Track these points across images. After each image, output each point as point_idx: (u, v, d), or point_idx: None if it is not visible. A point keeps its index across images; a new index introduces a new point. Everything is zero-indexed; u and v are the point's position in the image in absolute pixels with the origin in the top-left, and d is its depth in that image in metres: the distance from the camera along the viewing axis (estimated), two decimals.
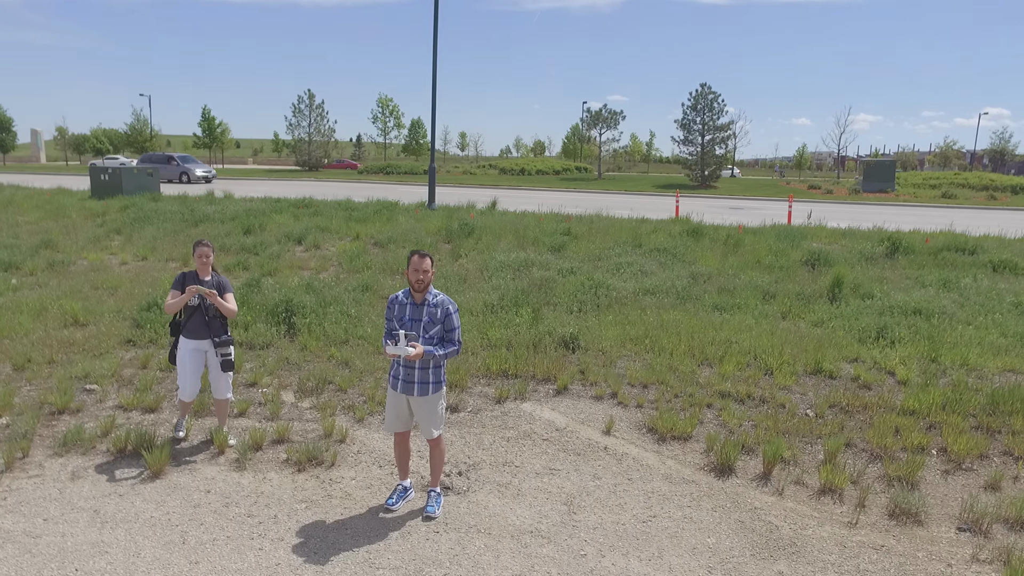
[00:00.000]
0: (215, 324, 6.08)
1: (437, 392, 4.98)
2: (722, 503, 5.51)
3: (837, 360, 8.47)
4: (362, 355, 8.30)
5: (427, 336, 4.84)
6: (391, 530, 4.93)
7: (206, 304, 6.05)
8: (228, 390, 6.25)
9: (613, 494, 5.57)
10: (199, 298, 6.01)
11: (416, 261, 4.78)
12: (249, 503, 5.24)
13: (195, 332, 6.07)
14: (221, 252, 14.08)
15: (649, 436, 6.61)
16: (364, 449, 6.17)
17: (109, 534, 4.78)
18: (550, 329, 8.92)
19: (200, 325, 6.05)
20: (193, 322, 6.06)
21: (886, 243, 15.20)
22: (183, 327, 6.11)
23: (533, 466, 5.98)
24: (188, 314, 6.08)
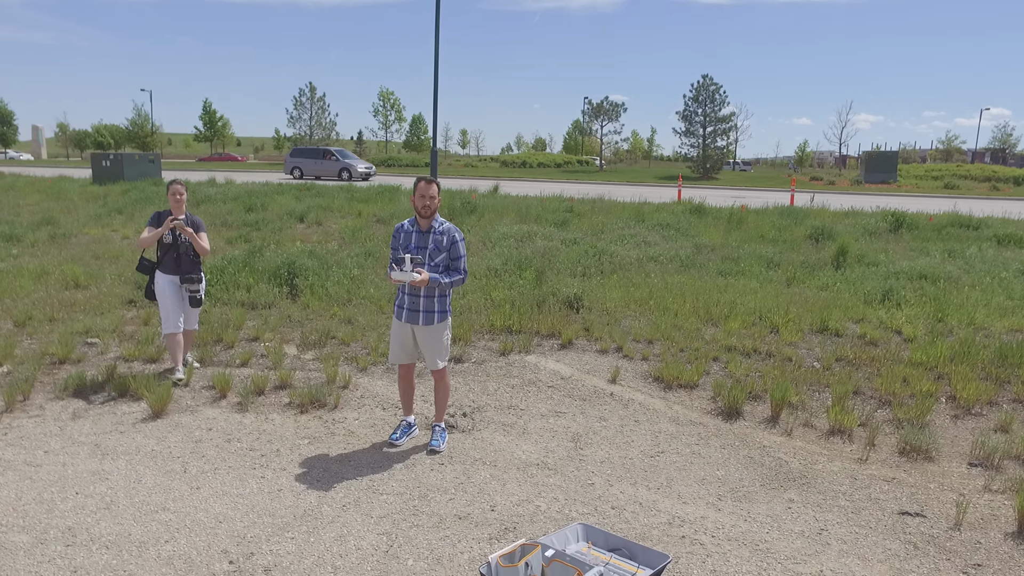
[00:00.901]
0: (185, 261, 6.30)
1: (443, 322, 4.91)
2: (730, 442, 5.45)
3: (843, 320, 8.40)
4: (365, 313, 8.24)
5: (433, 264, 4.77)
6: (395, 462, 4.87)
7: (180, 241, 6.25)
8: (195, 322, 6.60)
9: (620, 433, 5.51)
10: (172, 235, 6.22)
11: (423, 187, 4.71)
12: (251, 439, 5.19)
13: (169, 268, 6.29)
14: (223, 227, 14.03)
15: (655, 384, 6.55)
16: (368, 394, 6.11)
17: (110, 464, 4.72)
18: (554, 290, 8.86)
19: (172, 262, 6.27)
20: (167, 258, 6.29)
21: (890, 220, 15.12)
22: (160, 263, 6.31)
23: (538, 409, 5.91)
24: (163, 251, 6.29)
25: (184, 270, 6.27)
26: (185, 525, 3.97)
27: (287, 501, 4.27)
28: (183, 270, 6.27)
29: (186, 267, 6.28)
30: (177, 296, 6.32)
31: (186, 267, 6.28)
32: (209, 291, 8.85)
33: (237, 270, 9.25)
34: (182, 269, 6.27)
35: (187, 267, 6.29)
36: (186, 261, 6.29)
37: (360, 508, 4.21)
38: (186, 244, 6.27)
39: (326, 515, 4.11)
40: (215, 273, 9.20)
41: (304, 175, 36.43)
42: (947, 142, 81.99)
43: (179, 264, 6.27)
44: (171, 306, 6.27)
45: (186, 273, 6.27)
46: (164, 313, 6.29)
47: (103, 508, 4.14)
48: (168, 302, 6.26)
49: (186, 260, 6.29)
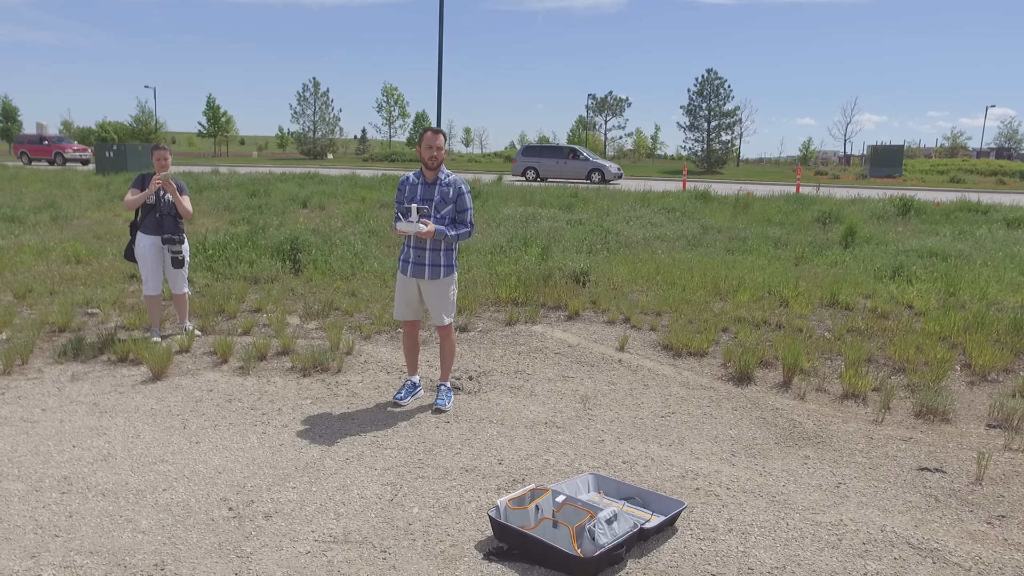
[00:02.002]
0: (168, 222, 6.27)
1: (449, 276, 4.79)
2: (742, 404, 5.32)
3: (853, 294, 8.27)
4: (369, 286, 8.13)
5: (439, 216, 4.66)
6: (400, 420, 4.76)
7: (163, 202, 6.23)
8: (183, 285, 6.48)
9: (629, 395, 5.39)
10: (155, 195, 6.22)
11: (430, 137, 4.60)
12: (252, 399, 5.08)
13: (150, 228, 6.27)
14: (225, 211, 13.93)
15: (664, 352, 6.43)
16: (371, 359, 6.00)
17: (108, 421, 4.61)
18: (560, 265, 8.74)
19: (154, 222, 6.25)
20: (149, 219, 6.28)
21: (898, 204, 14.98)
22: (140, 224, 6.29)
23: (546, 374, 5.80)
24: (145, 212, 6.27)
25: (166, 230, 6.22)
26: (184, 475, 3.86)
27: (288, 455, 4.16)
28: (164, 230, 6.23)
29: (168, 227, 6.24)
30: (158, 258, 6.31)
31: (168, 227, 6.24)
32: (211, 265, 8.76)
33: (240, 246, 9.15)
34: (163, 229, 6.24)
35: (169, 227, 6.24)
36: (168, 222, 6.24)
37: (364, 461, 4.09)
38: (168, 204, 6.24)
39: (328, 467, 4.00)
40: (217, 248, 9.11)
41: (540, 176, 31.49)
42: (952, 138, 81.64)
43: (161, 225, 6.24)
44: (151, 267, 6.29)
45: (167, 233, 6.22)
46: (144, 274, 6.33)
47: (100, 460, 4.03)
48: (148, 263, 6.27)
49: (168, 221, 6.24)
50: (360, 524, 3.37)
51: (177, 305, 6.56)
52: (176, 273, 6.40)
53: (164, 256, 6.36)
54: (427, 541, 3.24)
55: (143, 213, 6.32)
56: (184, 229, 6.45)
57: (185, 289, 6.50)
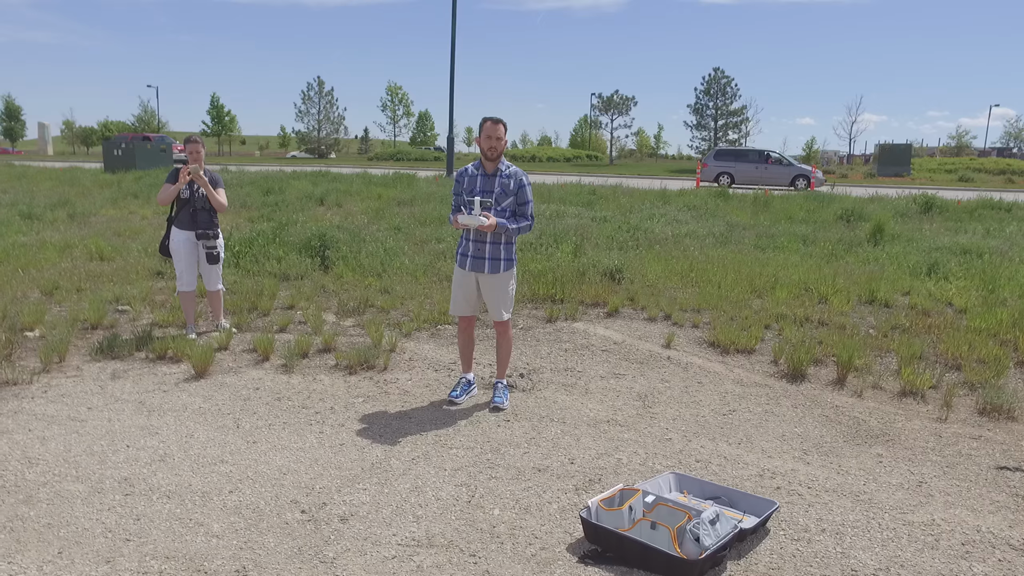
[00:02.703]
0: (202, 216, 6.13)
1: (508, 270, 4.66)
2: (801, 402, 5.19)
3: (891, 292, 8.14)
4: (402, 283, 7.99)
5: (499, 208, 4.52)
6: (458, 419, 4.62)
7: (196, 196, 6.10)
8: (218, 282, 6.33)
9: (686, 393, 5.26)
10: (189, 189, 6.09)
11: (489, 127, 4.46)
12: (302, 398, 4.94)
13: (184, 223, 6.13)
14: (242, 208, 13.80)
15: (711, 349, 6.30)
16: (416, 356, 5.86)
17: (157, 420, 4.48)
18: (593, 262, 8.61)
19: (188, 217, 6.12)
20: (183, 214, 6.15)
21: (920, 202, 14.85)
22: (175, 219, 6.17)
23: (596, 371, 5.66)
24: (179, 206, 6.15)
25: (200, 225, 6.09)
26: (248, 476, 3.72)
27: (351, 455, 4.02)
28: (198, 225, 6.10)
29: (202, 222, 6.11)
30: (193, 253, 6.18)
31: (202, 222, 6.11)
32: (238, 262, 8.63)
33: (266, 242, 9.02)
34: (197, 224, 6.10)
35: (203, 222, 6.11)
36: (202, 216, 6.11)
37: (431, 461, 3.95)
38: (202, 199, 6.11)
39: (396, 468, 3.86)
40: (244, 244, 8.97)
41: (736, 182, 28.04)
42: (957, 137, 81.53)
43: (195, 219, 6.10)
44: (185, 263, 6.16)
45: (202, 228, 6.09)
46: (179, 270, 6.21)
47: (157, 460, 3.89)
48: (183, 259, 6.15)
49: (202, 215, 6.11)
50: (442, 527, 3.24)
51: (212, 302, 6.43)
52: (211, 269, 6.27)
53: (199, 252, 6.23)
54: (515, 544, 3.11)
55: (178, 207, 6.19)
56: (219, 224, 6.31)
57: (220, 286, 6.37)
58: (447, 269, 8.48)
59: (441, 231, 10.71)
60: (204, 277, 6.31)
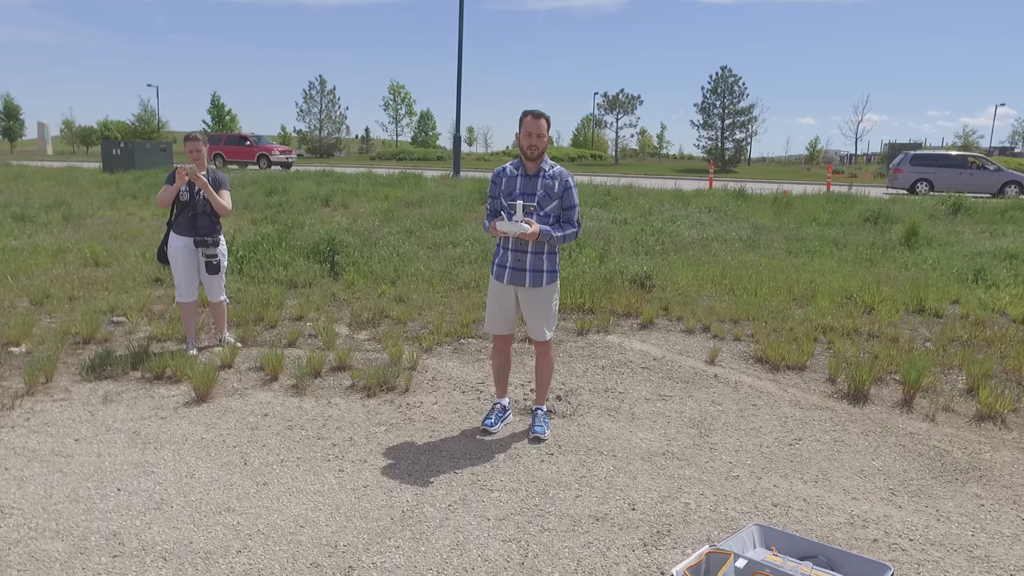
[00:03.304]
0: (203, 222, 5.57)
1: (552, 284, 4.12)
2: (870, 428, 4.65)
3: (940, 300, 7.61)
4: (418, 291, 7.45)
5: (542, 213, 3.98)
6: (495, 452, 4.08)
7: (197, 199, 5.55)
8: (220, 293, 5.78)
9: (742, 418, 4.72)
10: (189, 192, 5.53)
11: (530, 122, 3.91)
12: (317, 426, 4.40)
13: (183, 228, 5.59)
14: (245, 210, 13.25)
15: (759, 366, 5.76)
16: (440, 375, 5.32)
17: (153, 455, 3.93)
18: (620, 268, 8.06)
19: (187, 222, 5.57)
20: (182, 218, 5.60)
21: (949, 204, 14.30)
22: (174, 223, 5.63)
23: (639, 392, 5.12)
24: (179, 209, 5.61)
25: (200, 232, 5.54)
26: (258, 530, 3.18)
27: (378, 500, 3.48)
28: (198, 231, 5.54)
29: (202, 228, 5.55)
30: (192, 261, 5.64)
31: (202, 228, 5.55)
32: (242, 268, 8.09)
33: (272, 247, 8.47)
34: (197, 231, 5.55)
35: (204, 228, 5.55)
36: (203, 221, 5.55)
37: (470, 508, 3.41)
38: (203, 202, 5.56)
39: (431, 517, 3.32)
40: (248, 249, 8.42)
41: (935, 189, 24.51)
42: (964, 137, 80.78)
43: (194, 225, 5.55)
44: (184, 272, 5.62)
45: (201, 235, 5.54)
46: (177, 279, 5.67)
47: (153, 508, 3.35)
48: (181, 267, 5.61)
49: (203, 220, 5.55)
50: None
51: (214, 314, 5.90)
52: (212, 279, 5.72)
53: (198, 260, 5.69)
54: None
55: (177, 211, 5.65)
56: (222, 229, 5.76)
57: (223, 297, 5.82)
58: (465, 276, 7.94)
59: (455, 234, 10.17)
60: (205, 287, 5.77)
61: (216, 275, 5.67)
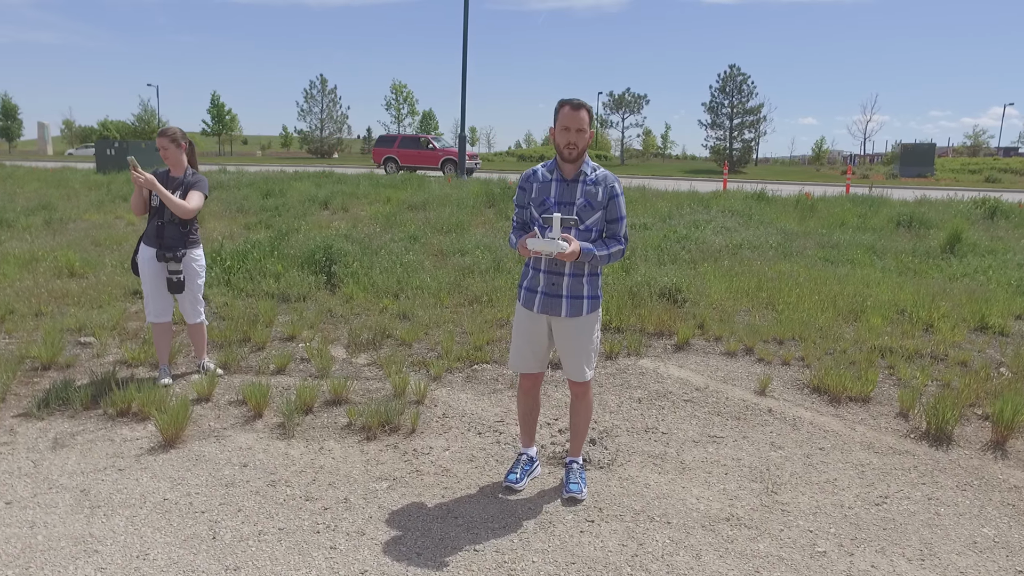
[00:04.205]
0: (170, 232, 4.78)
1: (593, 312, 3.36)
2: (966, 480, 3.89)
3: (1003, 315, 6.86)
4: (424, 306, 6.69)
5: (583, 228, 3.23)
6: (523, 518, 3.32)
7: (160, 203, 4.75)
8: (197, 314, 5.05)
9: (811, 467, 3.96)
10: (157, 197, 4.74)
11: (568, 114, 3.15)
12: (305, 481, 3.64)
13: (150, 238, 4.84)
14: (239, 213, 12.51)
15: (816, 397, 5.00)
16: (451, 412, 4.57)
17: (101, 525, 3.18)
18: (647, 280, 7.31)
19: (154, 231, 4.81)
20: (151, 226, 4.85)
21: (985, 206, 13.53)
22: (145, 232, 4.91)
23: (685, 432, 4.36)
24: (150, 217, 4.85)
25: (165, 243, 4.75)
26: None
27: None
28: (164, 243, 4.76)
29: (169, 239, 4.76)
30: (160, 276, 4.87)
31: (169, 239, 4.76)
32: (229, 279, 7.34)
33: (263, 256, 7.72)
34: (163, 241, 4.77)
35: (170, 239, 4.76)
36: (170, 231, 4.76)
37: None
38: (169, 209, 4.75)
39: None
40: (236, 259, 7.68)
41: None
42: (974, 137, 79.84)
43: (160, 235, 4.77)
44: (151, 287, 4.88)
45: (166, 247, 4.75)
46: (146, 295, 4.93)
47: None
48: (150, 282, 4.87)
49: (170, 230, 4.76)
50: None
51: (191, 337, 5.16)
52: (184, 298, 4.95)
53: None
54: None
55: (148, 218, 4.90)
56: (197, 240, 4.98)
57: (200, 318, 5.06)
58: (476, 288, 7.18)
59: (463, 241, 9.41)
60: (180, 307, 5.01)
61: (181, 293, 4.89)
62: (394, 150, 31.17)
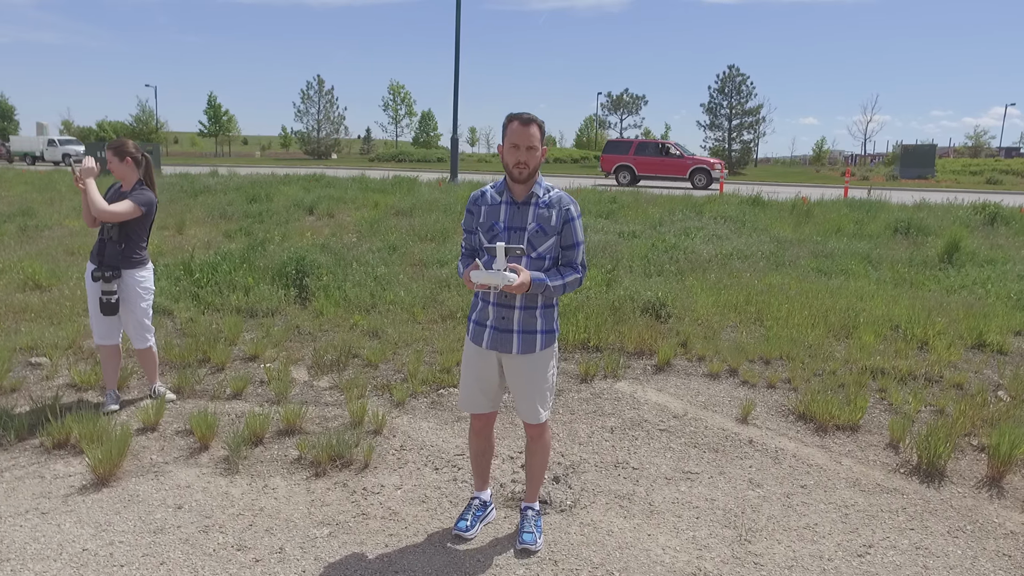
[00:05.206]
0: (109, 249, 4.49)
1: (548, 348, 3.08)
2: (958, 525, 3.61)
3: (1001, 331, 6.57)
4: (396, 323, 6.42)
5: (535, 255, 2.95)
6: (473, 570, 3.04)
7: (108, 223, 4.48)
8: (144, 339, 4.71)
9: (790, 509, 3.68)
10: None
11: (517, 130, 2.87)
12: (240, 527, 3.36)
13: (93, 254, 4.58)
14: (221, 219, 12.25)
15: (801, 425, 4.73)
16: (410, 443, 4.29)
17: None
18: (631, 294, 7.03)
19: (96, 247, 4.55)
20: (96, 243, 4.57)
21: (986, 212, 13.23)
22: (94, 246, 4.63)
23: (658, 468, 4.08)
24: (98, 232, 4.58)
25: (105, 261, 4.48)
26: None
27: None
28: (103, 261, 4.49)
29: (108, 257, 4.49)
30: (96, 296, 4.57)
31: (108, 257, 4.49)
32: (197, 292, 7.06)
33: (233, 268, 7.45)
34: (102, 259, 4.50)
35: (108, 257, 4.49)
36: (110, 249, 4.50)
37: None
38: (111, 226, 4.49)
39: None
40: (206, 271, 7.40)
41: None
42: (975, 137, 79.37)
43: (101, 252, 4.52)
44: (92, 308, 4.61)
45: (102, 266, 4.46)
46: (91, 314, 4.66)
47: None
48: (90, 302, 4.62)
49: (110, 248, 4.50)
50: None
51: (141, 362, 4.87)
52: (124, 321, 4.63)
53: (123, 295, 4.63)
54: None
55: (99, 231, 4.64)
56: (141, 261, 4.65)
57: (148, 343, 4.76)
58: (451, 303, 6.91)
59: (443, 250, 9.14)
60: (125, 330, 4.73)
61: (115, 316, 4.57)
62: (629, 157, 27.53)
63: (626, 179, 27.50)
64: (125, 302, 4.62)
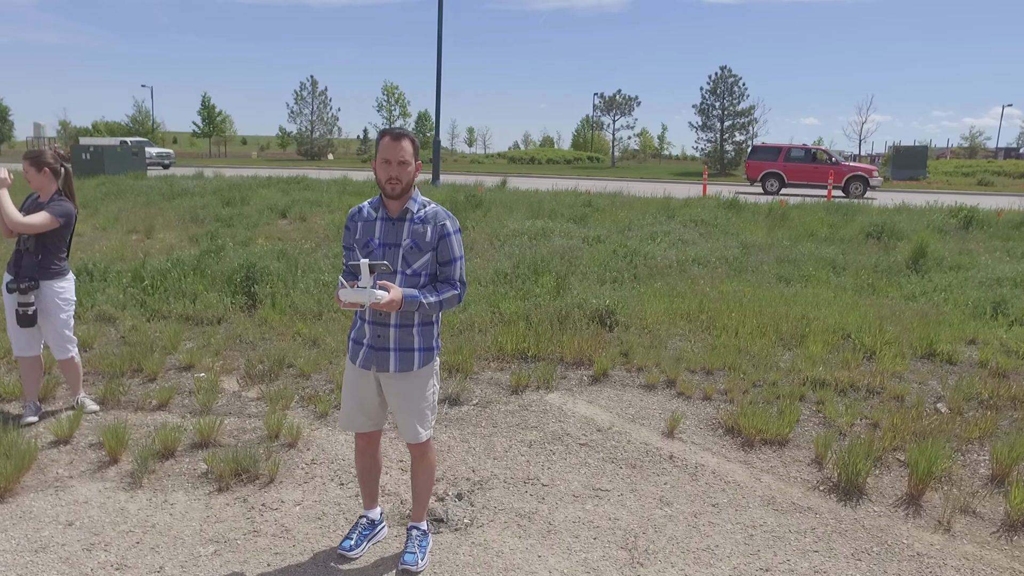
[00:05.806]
0: (26, 260, 4.45)
1: (427, 365, 3.02)
2: (865, 546, 3.55)
3: (953, 340, 6.53)
4: (336, 331, 6.37)
5: (410, 272, 2.89)
6: None
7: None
8: (66, 351, 4.66)
9: (695, 530, 3.62)
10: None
11: (388, 145, 2.82)
12: (126, 545, 3.31)
13: (9, 264, 4.54)
14: (191, 223, 12.20)
15: (729, 440, 4.67)
16: (322, 457, 4.24)
17: None
18: (579, 301, 6.97)
19: (13, 259, 4.50)
20: (14, 254, 4.50)
21: (960, 216, 13.17)
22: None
23: (569, 484, 4.03)
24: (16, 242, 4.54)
25: (22, 272, 4.44)
26: None
27: None
28: (19, 272, 4.45)
29: (26, 267, 4.44)
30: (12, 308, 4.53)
31: (26, 267, 4.44)
32: (145, 300, 7.01)
33: (183, 275, 7.39)
34: (18, 271, 4.46)
35: (24, 268, 4.45)
36: (26, 260, 4.46)
37: None
38: (27, 237, 4.46)
39: None
40: (156, 277, 7.35)
41: None
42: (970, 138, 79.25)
43: (17, 263, 4.48)
44: (9, 320, 4.56)
45: (19, 277, 4.42)
46: (7, 328, 4.62)
47: None
48: (7, 314, 4.57)
49: (26, 259, 4.46)
50: None
51: (64, 373, 4.82)
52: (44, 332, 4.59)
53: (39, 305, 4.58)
54: None
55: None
56: (60, 271, 4.60)
57: (70, 354, 4.70)
58: None
59: None
60: (47, 341, 4.68)
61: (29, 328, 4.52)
62: (779, 164, 25.97)
63: (774, 187, 26.00)
64: (45, 313, 4.57)
